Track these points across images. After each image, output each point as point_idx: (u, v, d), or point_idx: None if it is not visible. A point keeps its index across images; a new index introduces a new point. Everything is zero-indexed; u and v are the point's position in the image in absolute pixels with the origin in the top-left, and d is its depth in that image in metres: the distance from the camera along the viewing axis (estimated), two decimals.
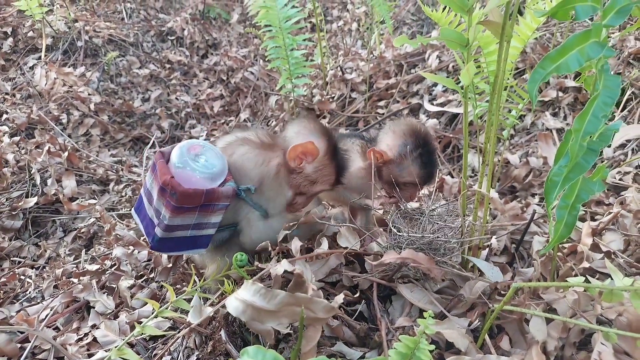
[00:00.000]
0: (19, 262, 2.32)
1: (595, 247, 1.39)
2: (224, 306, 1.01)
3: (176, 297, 1.10)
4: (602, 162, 2.06)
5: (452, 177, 2.40)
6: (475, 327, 1.03)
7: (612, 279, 1.02)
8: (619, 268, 1.30)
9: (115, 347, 1.02)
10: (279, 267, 0.93)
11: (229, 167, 1.23)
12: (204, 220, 1.19)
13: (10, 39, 3.93)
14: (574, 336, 1.02)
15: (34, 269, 2.18)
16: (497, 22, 0.86)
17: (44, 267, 2.23)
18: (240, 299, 0.85)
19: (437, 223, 1.13)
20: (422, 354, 0.85)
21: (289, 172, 1.29)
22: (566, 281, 1.02)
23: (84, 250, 2.23)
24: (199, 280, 1.17)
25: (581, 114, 0.82)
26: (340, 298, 0.92)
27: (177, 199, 1.11)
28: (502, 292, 1.13)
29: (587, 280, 1.11)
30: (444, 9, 1.51)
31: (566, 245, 1.38)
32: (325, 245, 1.14)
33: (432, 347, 0.86)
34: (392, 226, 1.15)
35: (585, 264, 1.28)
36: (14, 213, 2.55)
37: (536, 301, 1.10)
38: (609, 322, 1.06)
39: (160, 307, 1.08)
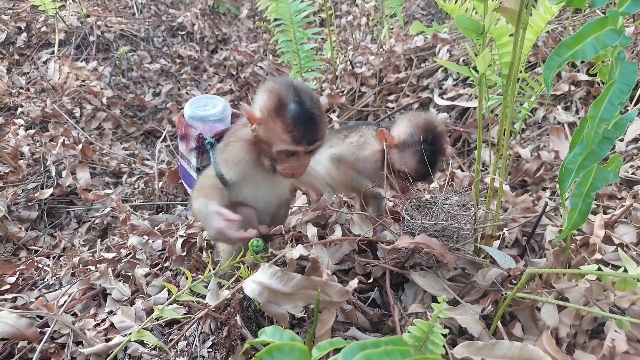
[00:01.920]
0: (35, 252, 2.37)
1: (607, 240, 1.38)
2: (240, 290, 1.03)
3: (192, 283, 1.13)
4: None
5: (463, 170, 2.41)
6: (487, 314, 1.04)
7: (625, 269, 1.03)
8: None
9: (136, 330, 1.05)
10: (295, 252, 0.95)
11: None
12: (188, 157, 1.43)
13: (24, 34, 3.99)
14: (587, 324, 1.03)
15: (50, 258, 2.23)
16: (513, 9, 0.87)
17: (60, 257, 2.28)
18: (257, 282, 0.87)
19: (450, 211, 1.14)
20: (436, 337, 0.86)
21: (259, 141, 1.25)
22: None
23: (99, 240, 2.27)
24: (214, 267, 1.19)
25: (597, 100, 0.83)
26: (354, 283, 0.94)
27: (176, 124, 1.44)
28: (514, 280, 1.14)
29: (599, 270, 1.11)
30: None
31: (578, 237, 1.38)
32: (338, 232, 1.16)
33: (446, 331, 0.87)
34: (406, 214, 1.17)
35: (598, 256, 1.28)
36: (30, 204, 2.60)
37: (548, 290, 1.10)
38: (621, 311, 1.07)
39: (177, 292, 1.10)
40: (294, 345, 0.67)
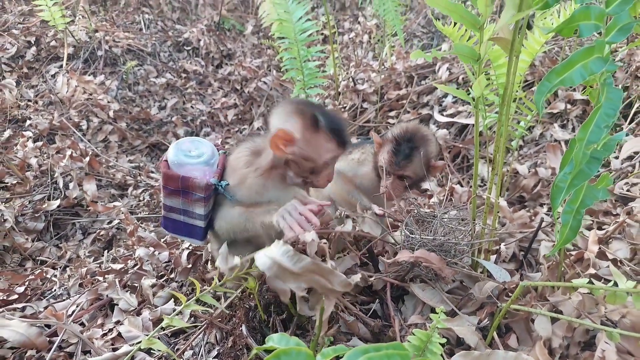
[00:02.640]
0: (42, 262, 2.41)
1: (601, 255, 1.43)
2: (246, 297, 1.07)
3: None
4: (610, 173, 2.10)
5: (462, 186, 2.46)
6: (484, 325, 1.08)
7: (615, 283, 1.07)
8: (625, 275, 1.34)
9: (145, 339, 1.09)
10: (308, 236, 1.00)
11: (226, 165, 1.39)
12: (189, 209, 1.37)
13: (34, 48, 4.08)
14: (579, 336, 1.07)
15: (57, 269, 2.27)
16: (507, 38, 0.93)
17: (66, 268, 2.32)
18: (270, 256, 0.91)
19: (449, 226, 1.19)
20: (434, 347, 0.91)
21: (283, 165, 1.29)
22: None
23: (105, 251, 2.31)
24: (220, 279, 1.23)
25: (585, 124, 0.88)
26: (357, 277, 0.99)
27: (162, 178, 1.34)
28: (510, 293, 1.18)
29: (591, 283, 1.16)
30: (455, 23, 1.58)
31: (573, 252, 1.43)
32: (349, 225, 1.22)
33: (444, 341, 0.91)
34: (405, 229, 1.21)
35: (592, 271, 1.32)
36: (36, 215, 2.65)
37: (542, 302, 1.15)
38: (613, 324, 1.11)
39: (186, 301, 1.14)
40: (300, 349, 0.71)
